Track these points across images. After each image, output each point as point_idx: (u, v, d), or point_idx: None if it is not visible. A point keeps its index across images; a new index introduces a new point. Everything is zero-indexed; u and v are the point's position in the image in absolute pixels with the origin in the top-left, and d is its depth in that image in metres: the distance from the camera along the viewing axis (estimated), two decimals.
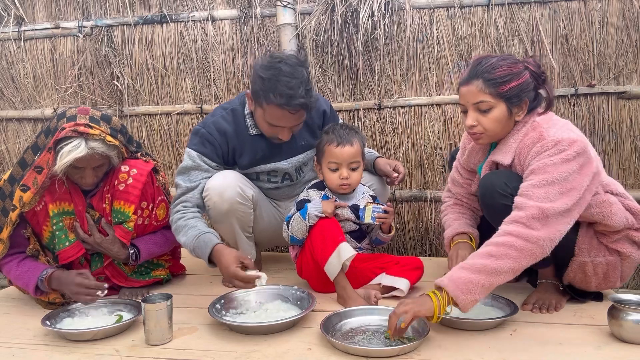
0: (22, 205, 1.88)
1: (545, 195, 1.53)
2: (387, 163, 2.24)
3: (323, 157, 2.04)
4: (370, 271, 2.04)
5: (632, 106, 2.63)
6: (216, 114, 2.13)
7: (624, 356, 1.46)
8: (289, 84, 1.86)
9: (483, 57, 1.73)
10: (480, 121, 1.71)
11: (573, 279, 1.80)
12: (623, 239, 1.74)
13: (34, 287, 1.88)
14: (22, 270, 1.92)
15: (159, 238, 2.13)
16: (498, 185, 1.69)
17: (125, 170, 1.98)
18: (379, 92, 2.79)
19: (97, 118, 1.90)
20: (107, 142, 1.86)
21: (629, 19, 2.57)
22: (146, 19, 2.91)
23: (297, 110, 1.91)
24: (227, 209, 2.05)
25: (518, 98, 1.69)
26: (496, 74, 1.66)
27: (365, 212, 2.00)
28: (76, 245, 1.96)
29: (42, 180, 1.86)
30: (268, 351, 1.54)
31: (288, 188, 2.29)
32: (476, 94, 1.69)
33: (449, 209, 2.06)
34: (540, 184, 1.55)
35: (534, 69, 1.72)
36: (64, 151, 1.79)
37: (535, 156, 1.62)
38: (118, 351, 1.59)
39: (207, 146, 2.06)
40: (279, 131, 2.00)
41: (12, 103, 3.12)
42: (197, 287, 2.21)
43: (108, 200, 1.97)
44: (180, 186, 2.05)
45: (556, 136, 1.60)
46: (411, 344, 1.49)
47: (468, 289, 1.50)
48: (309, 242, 1.97)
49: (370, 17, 2.60)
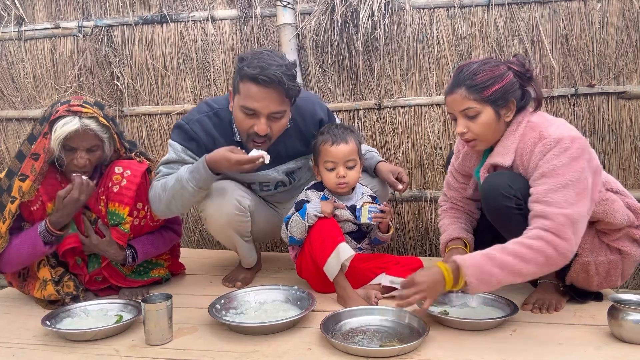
0: (22, 195, 1.88)
1: (565, 199, 1.53)
2: (390, 171, 2.18)
3: (319, 157, 2.03)
4: (370, 271, 2.03)
5: (632, 106, 2.63)
6: (201, 110, 2.04)
7: (624, 356, 1.46)
8: (267, 60, 1.82)
9: (464, 64, 1.74)
10: (470, 127, 1.72)
11: (575, 279, 1.80)
12: (624, 237, 1.74)
13: (42, 243, 1.88)
14: (20, 240, 1.91)
15: (156, 238, 2.13)
16: (502, 187, 1.68)
17: (119, 172, 1.97)
18: (379, 92, 2.79)
19: (91, 103, 1.94)
20: (100, 122, 1.89)
21: (629, 19, 2.57)
22: (146, 19, 2.91)
23: (270, 84, 1.79)
24: (225, 222, 2.03)
25: (504, 100, 1.69)
26: (478, 80, 1.67)
27: (362, 211, 2.00)
28: (74, 235, 1.96)
29: (40, 166, 1.88)
30: (268, 351, 1.54)
31: (283, 193, 2.28)
32: (461, 102, 1.70)
33: (445, 213, 2.06)
34: (556, 188, 1.55)
35: (518, 69, 1.72)
36: (57, 126, 1.83)
37: (540, 156, 1.61)
38: (118, 351, 1.59)
39: (191, 142, 2.00)
40: (254, 122, 1.87)
41: (12, 103, 3.12)
42: (197, 287, 2.21)
43: (103, 202, 1.97)
44: (161, 171, 1.99)
45: (557, 134, 1.60)
46: (411, 344, 1.49)
47: (485, 280, 1.51)
48: (308, 243, 1.97)
49: (370, 17, 2.60)
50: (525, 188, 1.64)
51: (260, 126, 1.87)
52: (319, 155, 2.03)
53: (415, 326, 1.62)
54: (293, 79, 1.87)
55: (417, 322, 1.63)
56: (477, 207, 2.06)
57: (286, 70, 1.83)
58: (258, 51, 1.90)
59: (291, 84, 1.84)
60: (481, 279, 1.51)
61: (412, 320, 1.66)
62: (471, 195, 1.98)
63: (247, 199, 2.07)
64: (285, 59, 1.89)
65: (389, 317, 1.70)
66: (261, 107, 1.85)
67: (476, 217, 2.05)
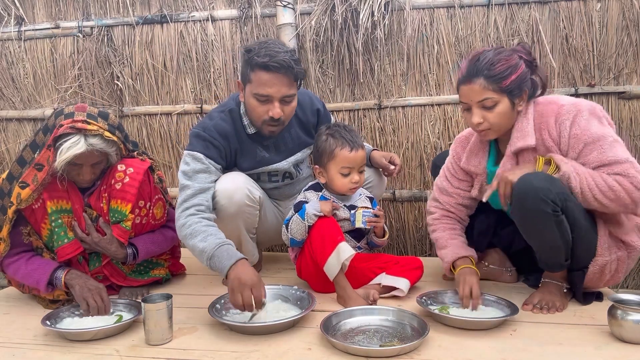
0: (19, 202, 1.88)
1: (623, 152, 1.64)
2: (382, 156, 2.25)
3: (332, 161, 1.99)
4: (370, 271, 2.04)
5: (632, 106, 2.64)
6: (214, 117, 2.11)
7: (624, 356, 1.46)
8: (273, 48, 1.92)
9: (479, 53, 1.75)
10: (486, 117, 1.73)
11: (590, 280, 1.79)
12: (633, 230, 1.74)
13: (45, 284, 1.88)
14: (32, 267, 1.92)
15: (158, 237, 2.12)
16: (541, 190, 1.61)
17: (122, 169, 1.97)
18: (379, 92, 2.79)
19: (95, 115, 1.91)
20: (106, 138, 1.87)
21: (629, 19, 2.57)
22: (146, 19, 2.91)
23: (281, 69, 1.89)
24: (235, 211, 2.03)
25: (519, 89, 1.73)
26: (496, 70, 1.69)
27: (356, 216, 2.00)
28: (75, 242, 1.96)
29: (43, 177, 1.87)
30: (268, 351, 1.54)
31: (288, 187, 2.30)
32: (480, 92, 1.71)
33: (438, 224, 2.03)
34: (607, 146, 1.64)
35: (527, 57, 1.75)
36: (63, 147, 1.80)
37: (570, 124, 1.69)
38: (118, 351, 1.59)
39: (211, 149, 2.03)
40: (269, 108, 1.95)
41: (12, 103, 3.12)
42: (197, 287, 2.21)
43: (105, 200, 1.97)
44: (189, 187, 1.94)
45: (573, 100, 1.73)
46: (411, 344, 1.49)
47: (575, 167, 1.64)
48: (308, 243, 1.97)
49: (370, 17, 2.61)
50: (562, 192, 1.62)
51: (275, 110, 1.96)
52: (333, 160, 1.99)
53: (415, 326, 1.62)
54: (298, 63, 1.99)
55: (417, 322, 1.63)
56: (468, 214, 2.05)
57: (292, 55, 1.95)
58: (262, 41, 2.00)
59: (298, 68, 1.96)
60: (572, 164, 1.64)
61: (412, 320, 1.66)
62: (476, 196, 1.98)
63: (258, 191, 2.12)
64: (287, 46, 2.04)
65: (389, 317, 1.70)
66: (274, 92, 1.94)
67: (466, 224, 2.06)
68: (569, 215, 1.66)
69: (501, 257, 2.14)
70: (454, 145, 2.06)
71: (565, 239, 1.68)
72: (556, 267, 1.79)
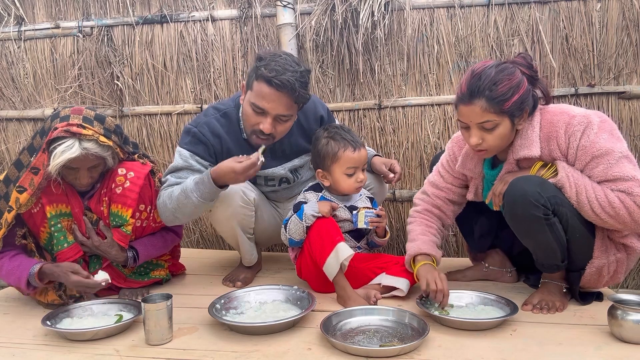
0: (19, 207, 1.87)
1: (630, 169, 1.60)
2: (382, 163, 2.22)
3: (336, 163, 1.99)
4: (370, 271, 2.04)
5: (632, 106, 2.63)
6: (209, 113, 2.10)
7: (624, 356, 1.46)
8: (283, 64, 1.88)
9: (479, 70, 1.66)
10: (485, 139, 1.69)
11: (588, 281, 1.79)
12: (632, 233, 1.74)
13: (25, 282, 1.85)
14: (14, 265, 1.89)
15: (158, 240, 2.13)
16: (531, 194, 1.61)
17: (122, 174, 1.97)
18: (379, 92, 2.79)
19: (91, 118, 1.89)
20: (101, 143, 1.85)
21: (629, 19, 2.57)
22: (146, 19, 2.91)
23: (283, 89, 1.86)
24: (230, 214, 2.05)
25: (520, 110, 1.67)
26: (499, 91, 1.62)
27: (359, 217, 2.01)
28: (75, 246, 1.96)
29: (39, 181, 1.85)
30: (268, 351, 1.54)
31: (286, 190, 2.29)
32: (480, 114, 1.65)
33: (417, 217, 2.01)
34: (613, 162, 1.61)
35: (528, 71, 1.69)
36: (57, 151, 1.78)
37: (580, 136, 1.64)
38: (118, 351, 1.59)
39: (199, 145, 2.04)
40: (261, 120, 1.94)
41: (12, 103, 3.12)
42: (197, 287, 2.21)
43: (105, 203, 1.97)
44: (168, 180, 2.02)
45: (584, 112, 1.68)
46: (411, 344, 1.49)
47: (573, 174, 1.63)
48: (307, 243, 1.97)
49: (370, 17, 2.60)
50: (554, 196, 1.62)
51: (265, 125, 1.94)
52: (337, 162, 1.99)
53: (415, 326, 1.62)
54: (305, 86, 1.92)
55: (417, 322, 1.63)
56: (455, 212, 2.04)
57: (300, 77, 1.89)
58: (277, 54, 1.96)
59: (302, 92, 1.91)
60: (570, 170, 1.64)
61: (412, 320, 1.66)
62: (472, 199, 1.97)
63: (253, 193, 2.12)
64: (302, 66, 1.94)
65: (389, 317, 1.70)
66: (270, 108, 1.91)
67: (448, 222, 2.04)
68: (562, 218, 1.65)
69: (501, 258, 2.14)
70: (450, 144, 2.02)
71: (559, 241, 1.68)
72: (553, 268, 1.79)
